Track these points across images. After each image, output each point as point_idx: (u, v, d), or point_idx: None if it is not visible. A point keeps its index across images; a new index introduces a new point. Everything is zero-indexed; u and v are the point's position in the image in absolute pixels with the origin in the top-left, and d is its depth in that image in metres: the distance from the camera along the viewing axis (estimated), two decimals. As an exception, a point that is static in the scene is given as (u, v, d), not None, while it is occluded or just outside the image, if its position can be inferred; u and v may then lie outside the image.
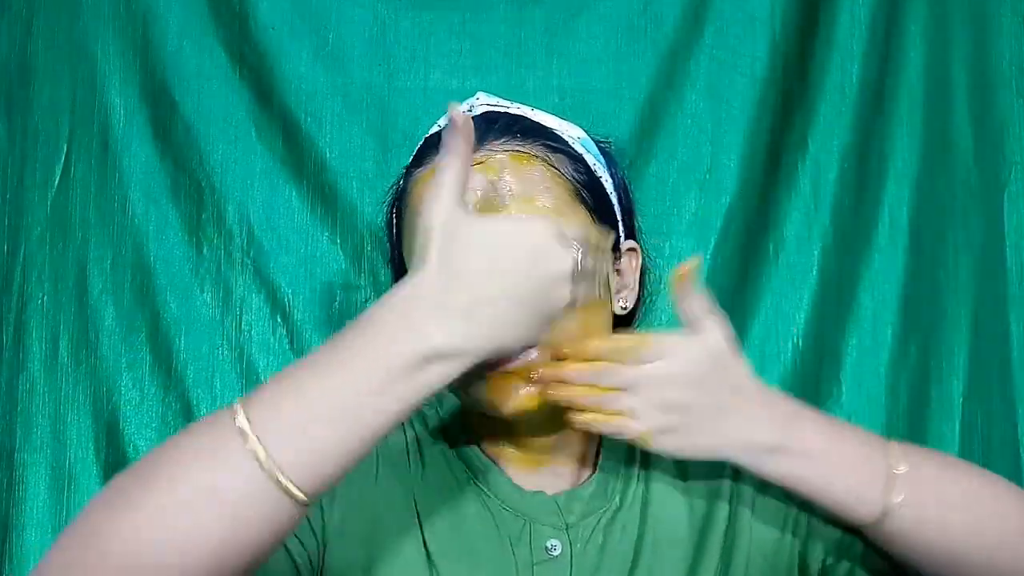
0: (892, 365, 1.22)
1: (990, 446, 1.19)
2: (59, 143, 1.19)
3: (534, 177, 0.85)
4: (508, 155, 0.85)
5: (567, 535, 0.87)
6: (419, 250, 0.70)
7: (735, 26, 1.26)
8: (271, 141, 1.22)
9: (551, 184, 0.85)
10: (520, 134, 0.87)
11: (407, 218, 0.87)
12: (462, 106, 0.90)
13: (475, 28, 1.24)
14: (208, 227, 1.21)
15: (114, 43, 1.21)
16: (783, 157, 1.25)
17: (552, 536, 0.87)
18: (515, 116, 0.90)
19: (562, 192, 0.86)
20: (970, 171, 1.23)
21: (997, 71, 1.24)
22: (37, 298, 1.17)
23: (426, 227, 0.70)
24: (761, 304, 1.23)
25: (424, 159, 0.87)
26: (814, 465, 0.80)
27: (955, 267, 1.22)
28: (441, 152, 0.72)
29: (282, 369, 0.68)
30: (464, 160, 0.72)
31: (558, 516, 0.88)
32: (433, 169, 0.77)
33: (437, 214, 0.69)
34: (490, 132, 0.86)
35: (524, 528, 0.87)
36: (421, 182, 0.86)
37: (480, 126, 0.84)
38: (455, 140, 0.71)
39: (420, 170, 0.87)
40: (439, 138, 0.80)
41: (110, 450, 1.17)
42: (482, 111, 0.89)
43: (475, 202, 0.82)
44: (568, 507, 0.88)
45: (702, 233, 1.24)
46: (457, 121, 0.71)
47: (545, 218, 0.72)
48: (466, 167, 0.72)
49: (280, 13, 1.23)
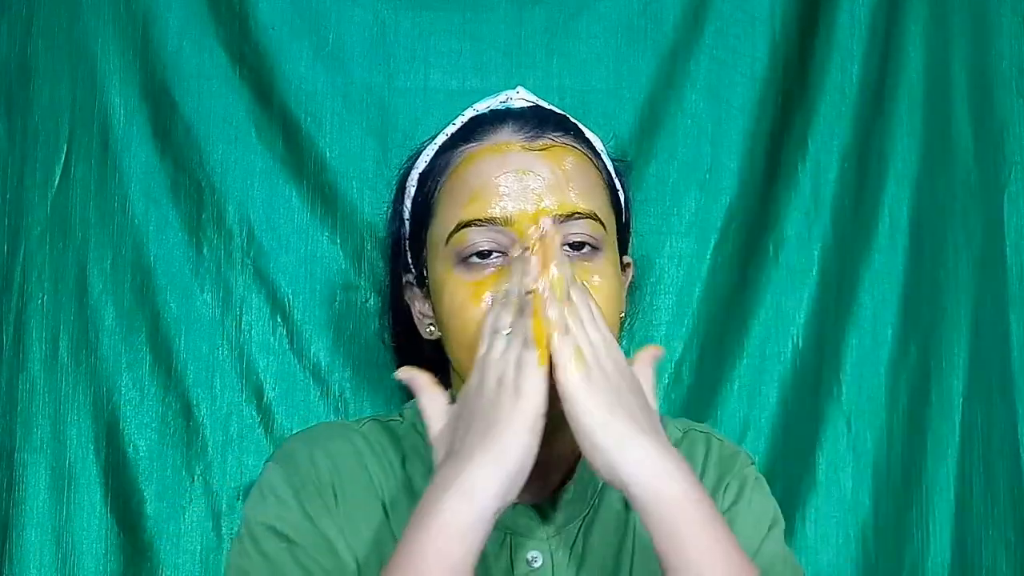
0: (892, 365, 1.22)
1: (990, 446, 1.19)
2: (59, 143, 1.19)
3: (590, 175, 0.90)
4: (568, 149, 0.89)
5: (548, 545, 0.87)
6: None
7: (735, 26, 1.26)
8: (271, 141, 1.22)
9: (598, 186, 0.90)
10: (573, 133, 0.91)
11: (452, 191, 0.88)
12: (500, 96, 0.93)
13: (475, 28, 1.24)
14: (208, 227, 1.20)
15: (114, 43, 1.20)
16: (783, 157, 1.25)
17: (533, 548, 0.87)
18: (562, 116, 0.94)
19: (604, 196, 0.90)
20: (970, 171, 1.23)
21: (997, 71, 1.23)
22: (37, 298, 1.17)
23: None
24: (761, 304, 1.23)
25: (475, 135, 0.90)
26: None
27: (955, 267, 1.22)
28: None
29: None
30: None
31: (538, 526, 0.88)
32: (493, 146, 0.87)
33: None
34: (548, 124, 0.90)
35: (504, 541, 0.87)
36: (477, 158, 0.88)
37: (535, 117, 0.90)
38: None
39: (472, 146, 0.89)
40: (487, 116, 0.89)
41: (110, 450, 1.16)
42: (527, 105, 0.93)
43: (539, 187, 0.85)
44: (549, 515, 0.88)
45: (702, 233, 1.24)
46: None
47: None
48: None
49: (280, 13, 1.23)
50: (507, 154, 0.87)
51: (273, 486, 0.87)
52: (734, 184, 1.25)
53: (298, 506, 0.86)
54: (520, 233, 0.84)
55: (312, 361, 1.20)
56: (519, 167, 0.86)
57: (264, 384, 1.19)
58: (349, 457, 0.89)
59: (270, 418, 1.19)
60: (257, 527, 0.85)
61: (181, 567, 1.15)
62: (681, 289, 1.23)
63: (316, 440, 0.91)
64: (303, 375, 1.20)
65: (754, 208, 1.25)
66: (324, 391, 1.20)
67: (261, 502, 0.87)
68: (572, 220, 0.85)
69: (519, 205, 0.85)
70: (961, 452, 1.19)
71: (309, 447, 0.90)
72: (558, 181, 0.86)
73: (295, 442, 0.92)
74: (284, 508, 0.86)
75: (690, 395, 1.22)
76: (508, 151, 0.87)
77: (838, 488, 1.19)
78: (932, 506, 1.19)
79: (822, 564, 1.18)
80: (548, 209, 0.84)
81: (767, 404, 1.22)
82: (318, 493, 0.87)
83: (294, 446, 0.91)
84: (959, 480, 1.19)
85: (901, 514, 1.19)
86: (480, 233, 0.85)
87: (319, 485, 0.87)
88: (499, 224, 0.85)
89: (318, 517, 0.85)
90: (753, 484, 0.94)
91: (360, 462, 0.90)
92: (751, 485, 0.94)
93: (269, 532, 0.85)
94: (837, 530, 1.19)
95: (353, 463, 0.89)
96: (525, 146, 0.87)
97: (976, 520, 1.18)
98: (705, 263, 1.24)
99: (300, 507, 0.86)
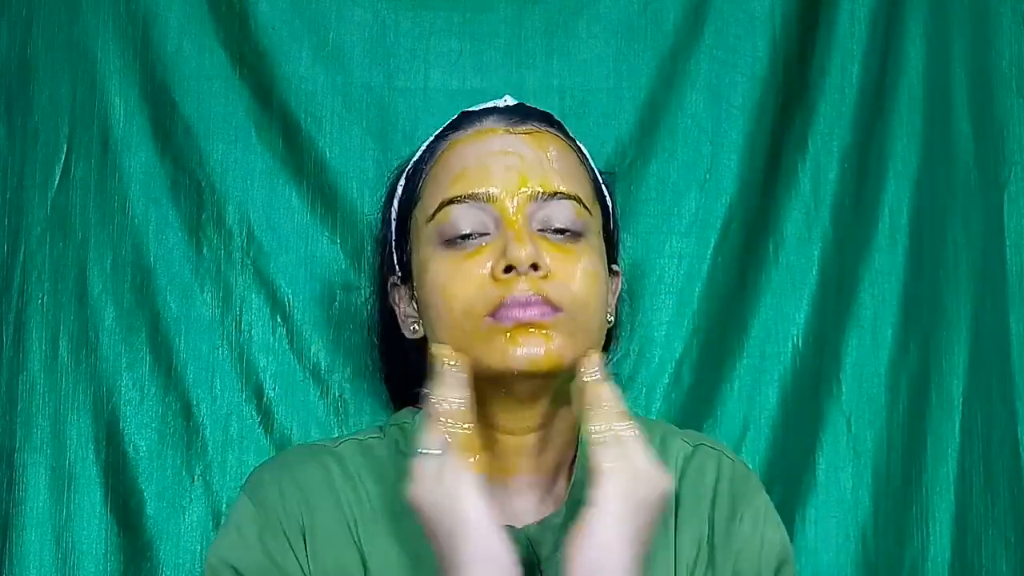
0: (892, 365, 1.22)
1: (990, 446, 1.19)
2: (59, 143, 1.19)
3: (574, 163, 0.91)
4: (552, 136, 0.90)
5: (539, 572, 0.86)
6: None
7: (735, 26, 1.26)
8: (271, 141, 1.22)
9: (583, 176, 0.91)
10: (558, 127, 0.93)
11: (436, 176, 0.90)
12: (490, 104, 0.95)
13: (475, 28, 1.24)
14: (208, 227, 1.20)
15: (114, 43, 1.20)
16: (783, 157, 1.25)
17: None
18: (549, 114, 0.95)
19: (589, 187, 0.91)
20: (970, 171, 1.23)
21: (997, 71, 1.23)
22: (37, 298, 1.17)
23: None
24: (761, 304, 1.23)
25: (461, 126, 0.91)
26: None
27: (955, 267, 1.22)
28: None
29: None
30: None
31: (529, 553, 0.86)
32: (477, 132, 0.88)
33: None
34: (532, 116, 0.91)
35: None
36: (461, 143, 0.90)
37: (520, 111, 0.92)
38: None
39: (457, 134, 0.91)
40: (476, 112, 0.91)
41: (110, 450, 1.16)
42: (512, 104, 0.94)
43: (521, 166, 0.86)
44: (539, 541, 0.87)
45: (702, 233, 1.24)
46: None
47: None
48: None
49: (280, 13, 1.23)
50: (491, 137, 0.89)
51: (239, 523, 0.88)
52: (734, 184, 1.24)
53: (260, 546, 0.86)
54: (502, 210, 0.85)
55: (312, 361, 1.20)
56: (502, 147, 0.87)
57: (264, 384, 1.19)
58: (320, 485, 0.89)
59: (270, 418, 1.19)
60: (218, 563, 0.86)
61: (181, 567, 1.15)
62: (681, 289, 1.23)
63: (287, 467, 0.91)
64: (303, 375, 1.20)
65: (754, 208, 1.25)
66: (324, 391, 1.20)
67: (226, 537, 0.88)
68: (555, 200, 0.86)
69: (502, 181, 0.86)
70: (961, 452, 1.19)
71: (279, 477, 0.89)
72: (541, 161, 0.87)
73: (266, 471, 0.91)
74: (246, 547, 0.86)
75: (690, 395, 1.22)
76: (492, 135, 0.89)
77: (838, 488, 1.19)
78: (932, 506, 1.19)
79: (822, 564, 1.18)
80: (531, 184, 0.85)
81: (767, 404, 1.22)
82: (283, 530, 0.86)
83: (264, 476, 0.90)
84: (959, 480, 1.19)
85: (901, 514, 1.19)
86: (463, 210, 0.86)
87: (286, 520, 0.87)
88: (481, 200, 0.85)
89: (282, 557, 0.85)
90: (765, 516, 0.93)
91: (331, 487, 0.89)
92: (763, 518, 0.93)
93: (229, 570, 0.85)
94: (837, 530, 1.19)
95: (324, 490, 0.89)
96: (509, 130, 0.89)
97: (976, 520, 1.18)
98: (705, 263, 1.23)
99: (263, 547, 0.86)
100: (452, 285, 0.85)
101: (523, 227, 0.84)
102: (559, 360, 0.83)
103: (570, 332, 0.84)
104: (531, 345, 0.82)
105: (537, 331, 0.83)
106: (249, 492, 0.89)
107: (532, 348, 0.82)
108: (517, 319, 0.82)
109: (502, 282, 0.83)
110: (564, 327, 0.83)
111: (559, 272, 0.84)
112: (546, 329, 0.83)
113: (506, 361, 0.83)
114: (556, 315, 0.83)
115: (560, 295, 0.84)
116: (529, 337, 0.82)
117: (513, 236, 0.84)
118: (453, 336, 0.85)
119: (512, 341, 0.83)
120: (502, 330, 0.83)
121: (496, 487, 0.87)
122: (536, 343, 0.82)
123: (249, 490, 0.90)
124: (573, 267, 0.85)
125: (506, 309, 0.83)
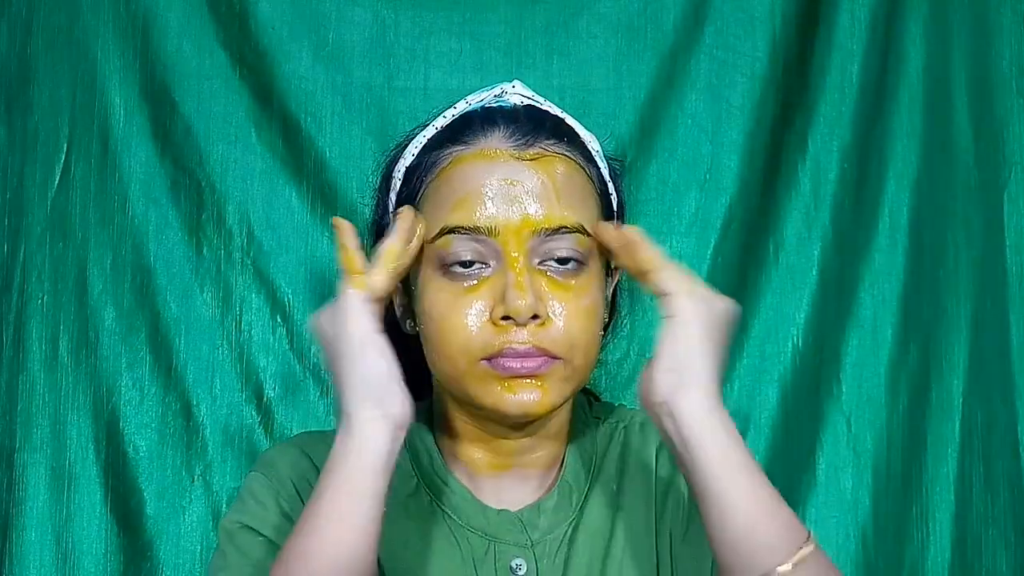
0: (892, 365, 1.22)
1: (990, 446, 1.19)
2: (59, 143, 1.19)
3: (581, 185, 0.88)
4: (559, 158, 0.87)
5: (532, 552, 0.87)
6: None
7: (735, 26, 1.26)
8: (271, 141, 1.22)
9: (589, 196, 0.89)
10: (567, 139, 0.90)
11: (438, 192, 0.87)
12: (495, 90, 0.92)
13: (475, 28, 1.24)
14: (208, 227, 1.21)
15: (114, 43, 1.20)
16: (783, 157, 1.25)
17: (517, 555, 0.87)
18: (558, 118, 0.92)
19: (595, 205, 0.89)
20: (970, 171, 1.23)
21: (997, 71, 1.23)
22: (37, 298, 1.17)
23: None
24: (761, 304, 1.23)
25: (465, 136, 0.88)
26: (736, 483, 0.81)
27: (955, 267, 1.22)
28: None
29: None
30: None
31: (523, 534, 0.88)
32: (482, 151, 0.86)
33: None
34: (541, 129, 0.88)
35: (489, 549, 0.87)
36: (465, 162, 0.87)
37: (528, 120, 0.88)
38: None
39: (461, 149, 0.88)
40: (479, 115, 0.88)
41: (110, 450, 1.17)
42: (521, 103, 0.92)
43: (526, 199, 0.85)
44: (532, 523, 0.88)
45: (702, 233, 1.24)
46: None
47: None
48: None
49: (280, 13, 1.23)
50: (495, 162, 0.86)
51: (253, 491, 0.89)
52: (734, 184, 1.24)
53: (277, 508, 0.87)
54: (504, 245, 0.84)
55: (312, 361, 1.20)
56: (507, 176, 0.85)
57: (264, 384, 1.19)
58: (327, 457, 0.89)
59: (270, 418, 1.19)
60: (234, 527, 0.87)
61: (181, 567, 1.15)
62: (681, 289, 1.23)
63: (295, 444, 0.94)
64: (303, 375, 1.20)
65: (754, 208, 1.25)
66: (324, 391, 1.20)
67: (240, 506, 0.89)
68: (559, 234, 0.85)
69: (505, 216, 0.84)
70: (961, 452, 1.19)
71: (287, 450, 0.92)
72: (546, 192, 0.85)
73: (274, 450, 0.95)
74: (263, 510, 0.87)
75: (690, 395, 1.22)
76: (497, 159, 0.86)
77: (838, 488, 1.19)
78: (932, 506, 1.19)
79: (822, 564, 1.18)
80: (534, 221, 0.84)
81: (767, 404, 1.22)
82: (296, 491, 0.88)
83: (272, 453, 0.94)
84: (959, 480, 1.19)
85: (901, 514, 1.19)
86: (464, 243, 0.84)
87: (299, 482, 0.88)
88: (483, 233, 0.84)
89: (297, 514, 0.84)
90: None
91: None
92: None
93: (245, 530, 0.86)
94: (837, 530, 1.19)
95: None
96: (515, 154, 0.86)
97: (976, 520, 1.18)
98: (705, 263, 1.23)
99: (279, 508, 0.87)
100: (451, 317, 0.84)
101: (524, 267, 0.83)
102: (552, 406, 0.85)
103: (565, 377, 0.84)
104: (526, 393, 0.83)
105: (533, 382, 0.83)
106: (259, 468, 0.91)
107: (526, 396, 0.83)
108: (514, 371, 0.82)
109: (500, 327, 0.83)
110: (559, 374, 0.84)
111: (558, 316, 0.84)
112: (541, 380, 0.83)
113: (499, 405, 0.83)
114: (553, 364, 0.83)
115: (558, 344, 0.83)
116: (524, 387, 0.83)
117: (513, 281, 0.82)
118: (447, 367, 0.85)
119: (508, 389, 0.83)
120: (498, 378, 0.83)
121: (493, 477, 0.90)
122: (530, 392, 0.83)
123: (259, 466, 0.92)
124: (573, 307, 0.84)
125: (503, 359, 0.82)
